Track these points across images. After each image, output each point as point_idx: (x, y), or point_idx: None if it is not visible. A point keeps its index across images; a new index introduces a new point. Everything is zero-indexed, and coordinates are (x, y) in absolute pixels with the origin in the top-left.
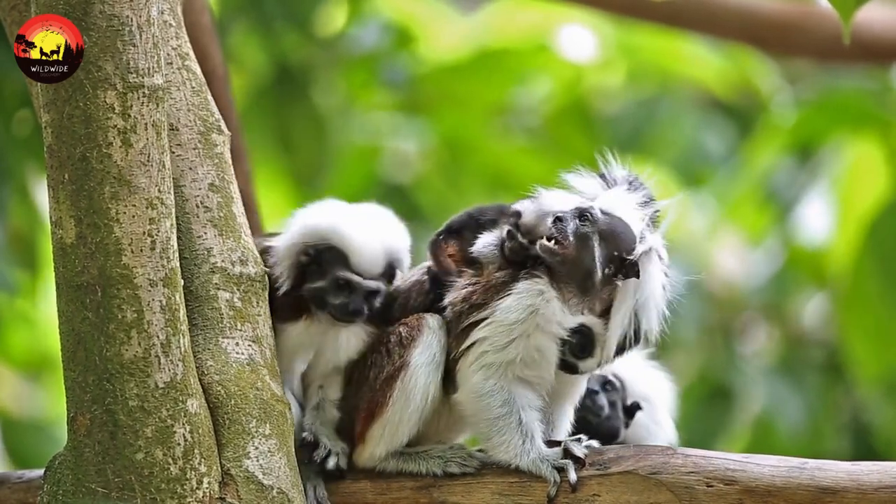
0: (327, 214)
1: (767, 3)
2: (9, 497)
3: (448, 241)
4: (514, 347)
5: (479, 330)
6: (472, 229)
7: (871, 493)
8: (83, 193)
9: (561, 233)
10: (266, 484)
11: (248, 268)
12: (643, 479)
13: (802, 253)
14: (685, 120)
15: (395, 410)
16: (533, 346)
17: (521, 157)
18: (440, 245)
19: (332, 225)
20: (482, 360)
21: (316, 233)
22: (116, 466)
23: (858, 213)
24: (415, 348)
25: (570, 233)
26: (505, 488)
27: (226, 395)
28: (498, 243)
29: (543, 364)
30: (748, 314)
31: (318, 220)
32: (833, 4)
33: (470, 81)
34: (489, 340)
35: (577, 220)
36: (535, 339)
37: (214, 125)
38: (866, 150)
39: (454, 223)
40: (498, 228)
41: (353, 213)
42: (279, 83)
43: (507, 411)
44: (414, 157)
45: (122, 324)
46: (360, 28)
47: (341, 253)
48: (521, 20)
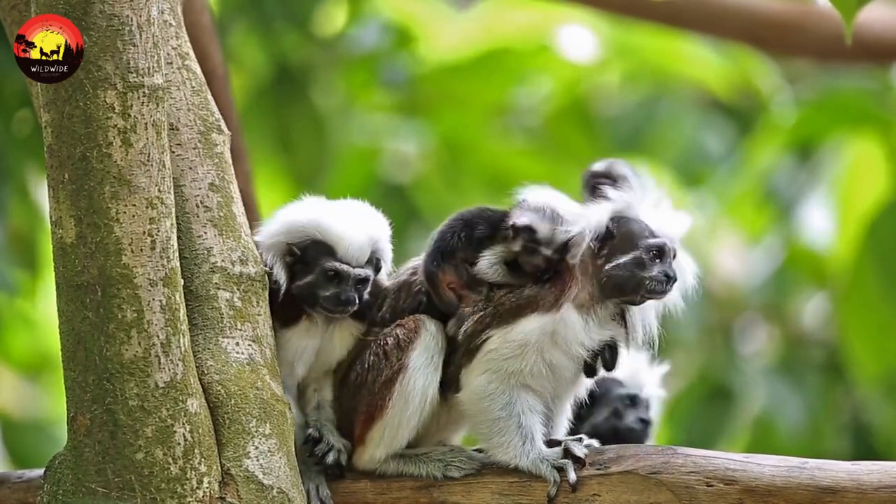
0: (307, 211)
1: (767, 3)
2: (9, 497)
3: (444, 268)
4: (523, 360)
5: (491, 341)
6: (465, 249)
7: (871, 493)
8: (83, 193)
9: (608, 249)
10: (266, 483)
11: (248, 267)
12: (643, 478)
13: (802, 253)
14: (685, 120)
15: (394, 413)
16: (545, 361)
17: (520, 158)
18: (437, 276)
19: (314, 220)
20: (488, 364)
21: (298, 230)
22: (116, 466)
23: (858, 213)
24: (412, 350)
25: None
26: (505, 488)
27: (226, 395)
28: (500, 260)
29: (553, 378)
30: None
31: (297, 217)
32: (835, 5)
33: (470, 81)
34: (499, 351)
35: (618, 232)
36: (550, 354)
37: (214, 125)
38: (866, 150)
39: (445, 247)
40: (497, 244)
41: (333, 207)
42: (279, 83)
43: (507, 414)
44: (413, 158)
45: (122, 323)
46: (360, 28)
47: (326, 245)
48: (520, 20)
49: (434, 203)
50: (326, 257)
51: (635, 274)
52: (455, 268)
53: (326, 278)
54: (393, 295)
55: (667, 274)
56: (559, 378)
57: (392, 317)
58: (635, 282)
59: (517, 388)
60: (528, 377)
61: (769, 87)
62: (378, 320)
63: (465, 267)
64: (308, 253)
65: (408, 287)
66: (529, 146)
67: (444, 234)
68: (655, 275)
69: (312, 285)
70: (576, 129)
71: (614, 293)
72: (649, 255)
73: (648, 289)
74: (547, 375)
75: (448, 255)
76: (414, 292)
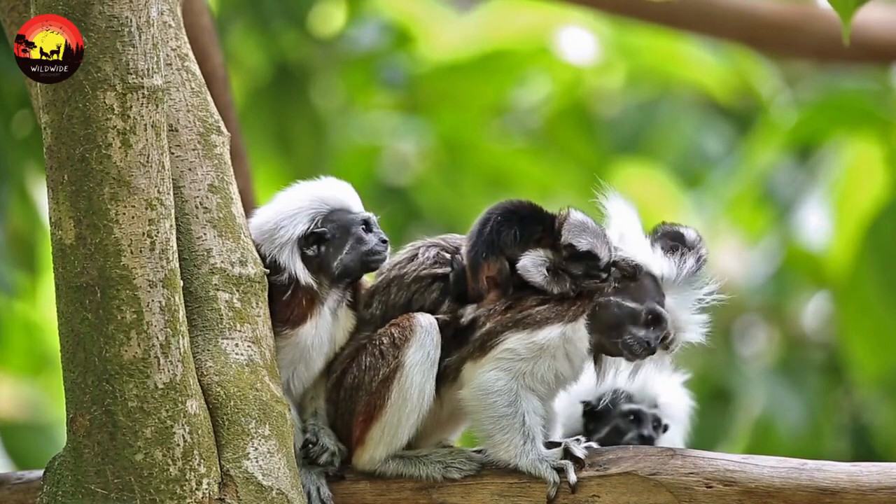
0: (299, 198)
1: (766, 4)
2: (8, 498)
3: (490, 260)
4: (536, 362)
5: (510, 341)
6: (513, 247)
7: (870, 494)
8: (82, 194)
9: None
10: (265, 485)
11: (247, 268)
12: (643, 479)
13: (801, 254)
14: (684, 122)
15: (393, 411)
16: (553, 369)
17: (520, 159)
18: (482, 266)
19: (317, 198)
20: (499, 362)
21: (312, 212)
22: (116, 467)
23: (858, 214)
24: (408, 348)
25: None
26: (504, 489)
27: (225, 396)
28: (545, 264)
29: (554, 387)
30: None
31: (299, 205)
32: (833, 5)
33: (469, 82)
34: (516, 350)
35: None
36: (559, 363)
37: (214, 126)
38: (866, 151)
39: (496, 240)
40: (544, 247)
41: (305, 188)
42: (278, 83)
43: (512, 412)
44: (413, 158)
45: (121, 325)
46: (359, 28)
47: (343, 210)
48: (520, 21)
49: (433, 203)
50: (349, 219)
51: (624, 322)
52: (498, 261)
53: (363, 234)
54: (383, 290)
55: (649, 343)
56: (559, 388)
57: (384, 313)
58: (620, 328)
59: (524, 389)
60: (535, 381)
61: (768, 89)
62: (368, 317)
63: (504, 263)
64: (331, 227)
65: (399, 280)
66: (529, 147)
67: (497, 227)
68: (641, 335)
69: (356, 249)
70: (575, 131)
71: (597, 325)
72: (647, 316)
73: (626, 342)
74: (550, 383)
75: (497, 248)
76: (406, 284)
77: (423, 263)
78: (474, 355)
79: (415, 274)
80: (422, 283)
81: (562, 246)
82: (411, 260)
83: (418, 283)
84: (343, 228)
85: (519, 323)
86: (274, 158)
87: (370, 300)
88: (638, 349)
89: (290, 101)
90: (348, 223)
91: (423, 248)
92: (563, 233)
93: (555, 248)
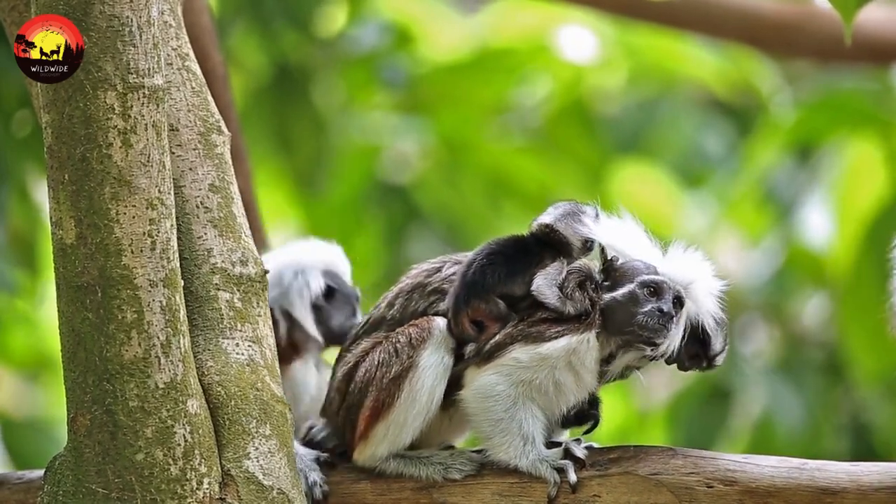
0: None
1: (766, 4)
2: (9, 498)
3: (473, 304)
4: (536, 372)
5: (516, 352)
6: (502, 285)
7: (870, 494)
8: (83, 194)
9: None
10: (266, 484)
11: (248, 268)
12: (643, 479)
13: (802, 253)
14: (685, 121)
15: (400, 411)
16: (554, 379)
17: (520, 158)
18: (461, 310)
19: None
20: (501, 368)
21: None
22: (117, 467)
23: (858, 214)
24: (424, 349)
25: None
26: (505, 489)
27: (226, 396)
28: (561, 283)
29: (555, 399)
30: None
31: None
32: (834, 5)
33: (470, 81)
34: (520, 359)
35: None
36: (561, 373)
37: (214, 126)
38: (866, 151)
39: (486, 283)
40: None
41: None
42: (279, 83)
43: (509, 416)
44: (413, 158)
45: (122, 324)
46: (360, 28)
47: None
48: (520, 20)
49: (434, 203)
50: (351, 290)
51: (627, 308)
52: (485, 302)
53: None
54: (405, 295)
55: (661, 310)
56: (560, 400)
57: (402, 317)
58: (628, 316)
59: (523, 397)
60: (534, 390)
61: (768, 88)
62: (389, 318)
63: (496, 302)
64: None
65: (421, 288)
66: (529, 146)
67: (481, 269)
68: (648, 309)
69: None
70: (576, 130)
71: (611, 329)
72: (644, 290)
73: (640, 324)
74: (551, 394)
75: (484, 290)
76: (426, 294)
77: (445, 278)
78: (480, 363)
79: (436, 285)
80: (440, 296)
81: (538, 229)
82: (437, 271)
83: (436, 294)
84: (345, 297)
85: (528, 336)
86: (274, 158)
87: (394, 300)
88: (653, 322)
89: (291, 101)
90: (350, 293)
91: (450, 263)
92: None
93: (557, 256)
